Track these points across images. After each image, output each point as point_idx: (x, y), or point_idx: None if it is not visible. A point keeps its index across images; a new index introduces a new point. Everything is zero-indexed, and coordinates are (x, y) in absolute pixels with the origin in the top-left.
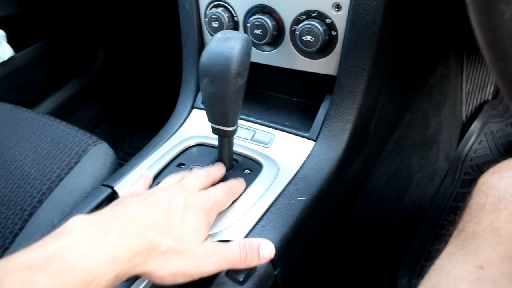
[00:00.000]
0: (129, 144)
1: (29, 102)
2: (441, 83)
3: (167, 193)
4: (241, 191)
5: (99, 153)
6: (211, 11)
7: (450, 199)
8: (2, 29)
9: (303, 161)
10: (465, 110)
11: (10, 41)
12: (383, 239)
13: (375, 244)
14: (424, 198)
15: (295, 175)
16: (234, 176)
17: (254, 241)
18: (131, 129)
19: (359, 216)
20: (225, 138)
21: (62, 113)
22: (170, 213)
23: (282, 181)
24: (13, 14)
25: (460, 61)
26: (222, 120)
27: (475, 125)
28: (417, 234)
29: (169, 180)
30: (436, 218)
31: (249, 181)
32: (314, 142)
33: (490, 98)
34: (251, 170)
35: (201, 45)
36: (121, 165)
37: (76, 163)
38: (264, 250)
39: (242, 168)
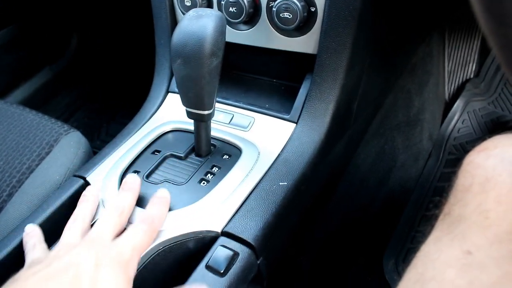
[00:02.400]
0: (106, 132)
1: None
2: (423, 62)
3: (72, 254)
4: (164, 218)
5: (71, 142)
6: None
7: (435, 180)
8: None
9: (284, 144)
10: (448, 89)
11: None
12: (368, 222)
13: (360, 228)
14: (408, 180)
15: (276, 159)
16: (213, 162)
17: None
18: (108, 116)
19: (342, 200)
20: (202, 122)
21: (35, 102)
22: (77, 282)
23: (262, 166)
24: None
25: (442, 39)
26: (197, 103)
27: (458, 104)
28: (402, 216)
29: (73, 233)
30: (421, 200)
31: (228, 166)
32: (295, 125)
33: (472, 76)
34: (230, 156)
35: (174, 25)
36: (96, 153)
37: (47, 153)
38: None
39: (220, 153)
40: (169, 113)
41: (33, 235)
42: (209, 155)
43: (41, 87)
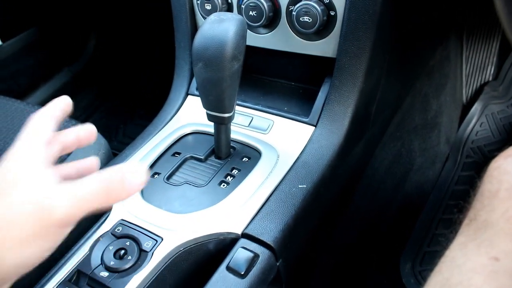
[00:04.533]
0: (123, 133)
1: (20, 93)
2: (441, 65)
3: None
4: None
5: (92, 144)
6: None
7: (452, 183)
8: None
9: (303, 147)
10: (465, 92)
11: None
12: (385, 225)
13: (377, 231)
14: (425, 183)
15: (295, 162)
16: (232, 164)
17: (116, 170)
18: (125, 117)
19: (360, 203)
20: (222, 125)
21: None
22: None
23: (282, 169)
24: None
25: (460, 42)
26: (218, 106)
27: (476, 107)
28: (419, 219)
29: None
30: (438, 203)
31: (248, 169)
32: (314, 127)
33: (490, 79)
34: (249, 158)
35: (194, 29)
36: (114, 155)
37: (68, 154)
38: (130, 179)
39: (240, 156)
40: (188, 115)
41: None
42: (229, 157)
43: (61, 88)
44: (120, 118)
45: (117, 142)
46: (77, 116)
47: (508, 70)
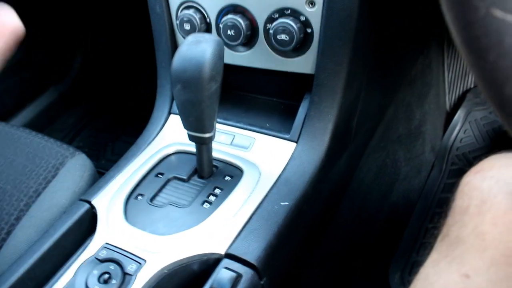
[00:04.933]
0: (111, 151)
1: (5, 113)
2: (423, 74)
3: None
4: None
5: (77, 165)
6: (182, 13)
7: (438, 191)
8: None
9: (285, 164)
10: (449, 100)
11: None
12: (372, 236)
13: (365, 242)
14: (412, 192)
15: (277, 179)
16: (215, 183)
17: None
18: (113, 135)
19: (346, 215)
20: (203, 145)
21: (41, 122)
22: None
23: (264, 186)
24: None
25: (441, 50)
26: (198, 126)
27: (459, 114)
28: (406, 229)
29: None
30: (425, 211)
31: (230, 188)
32: (295, 144)
33: (472, 86)
34: (232, 177)
35: (174, 48)
36: (101, 174)
37: (53, 176)
38: None
39: (222, 174)
40: (171, 135)
41: None
42: (211, 176)
43: (47, 107)
44: (108, 136)
45: (105, 161)
46: (65, 135)
47: None
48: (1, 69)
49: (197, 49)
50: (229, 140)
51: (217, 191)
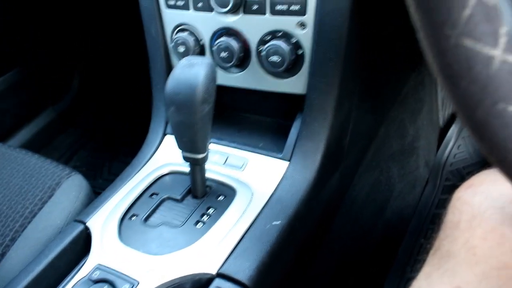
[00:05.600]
0: (108, 170)
1: (4, 134)
2: (415, 90)
3: None
4: None
5: (73, 186)
6: (176, 36)
7: (433, 207)
8: None
9: (277, 183)
10: (442, 115)
11: None
12: (367, 254)
13: (359, 260)
14: (406, 208)
15: (269, 198)
16: (208, 203)
17: None
18: (110, 155)
19: (340, 234)
20: (197, 165)
21: (39, 142)
22: None
23: (256, 206)
24: None
25: None
26: (191, 147)
27: (453, 130)
28: (401, 246)
29: None
30: (420, 228)
31: (223, 207)
32: (288, 163)
33: None
34: (225, 196)
35: (169, 70)
36: (98, 193)
37: (49, 197)
38: None
39: (215, 194)
40: (166, 155)
41: None
42: (205, 196)
43: (45, 127)
44: (105, 155)
45: (102, 180)
46: (62, 154)
47: None
48: None
49: (190, 72)
50: (223, 160)
51: (210, 210)
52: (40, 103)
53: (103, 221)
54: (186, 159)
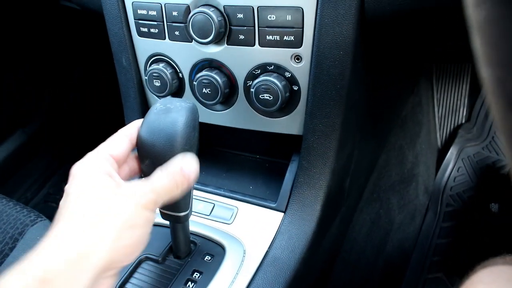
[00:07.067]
0: None
1: None
2: (413, 113)
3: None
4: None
5: (38, 236)
6: (151, 68)
7: (434, 236)
8: None
9: (271, 238)
10: (440, 136)
11: None
12: None
13: None
14: (407, 240)
15: (263, 258)
16: (194, 265)
17: (174, 164)
18: None
19: (339, 281)
20: (179, 223)
21: (9, 167)
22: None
23: (249, 268)
24: None
25: (430, 86)
26: (172, 205)
27: (452, 152)
28: (403, 283)
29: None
30: (422, 261)
31: (211, 271)
32: (282, 214)
33: (463, 121)
34: (212, 256)
35: (144, 105)
36: None
37: (11, 249)
38: (186, 169)
39: (201, 253)
40: None
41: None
42: (189, 256)
43: (16, 150)
44: None
45: None
46: (34, 181)
47: (479, 111)
48: None
49: (166, 120)
50: (209, 210)
51: (196, 275)
52: (9, 125)
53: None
54: (165, 217)
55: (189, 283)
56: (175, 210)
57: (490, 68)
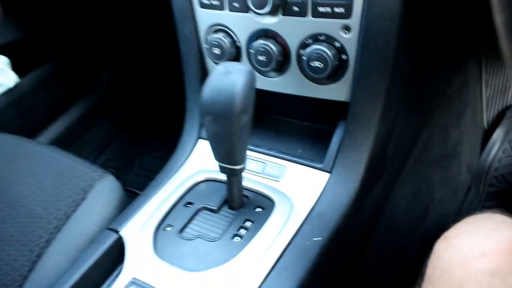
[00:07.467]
0: (140, 165)
1: (37, 127)
2: (459, 92)
3: None
4: None
5: (105, 189)
6: (211, 37)
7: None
8: (6, 55)
9: (317, 196)
10: (486, 117)
11: (14, 66)
12: (406, 265)
13: (398, 274)
14: (447, 217)
15: (309, 212)
16: (246, 215)
17: None
18: (142, 149)
19: (379, 246)
20: (234, 176)
21: (70, 136)
22: None
23: (296, 220)
24: (17, 39)
25: (479, 66)
26: (228, 159)
27: (498, 133)
28: None
29: None
30: None
31: (261, 220)
32: (328, 174)
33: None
34: (263, 208)
35: (203, 72)
36: (130, 192)
37: (82, 199)
38: None
39: (253, 206)
40: (200, 160)
41: None
42: (242, 207)
43: (76, 120)
44: (136, 149)
45: (134, 175)
46: (94, 148)
47: None
48: None
49: (227, 80)
50: (261, 169)
51: (248, 224)
52: (71, 96)
53: (137, 231)
54: (223, 169)
55: (242, 230)
56: (231, 164)
57: (503, 13)
